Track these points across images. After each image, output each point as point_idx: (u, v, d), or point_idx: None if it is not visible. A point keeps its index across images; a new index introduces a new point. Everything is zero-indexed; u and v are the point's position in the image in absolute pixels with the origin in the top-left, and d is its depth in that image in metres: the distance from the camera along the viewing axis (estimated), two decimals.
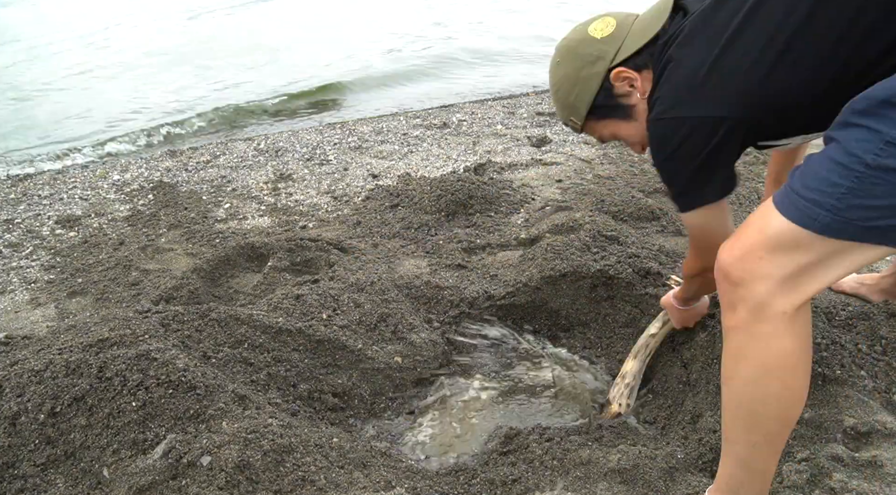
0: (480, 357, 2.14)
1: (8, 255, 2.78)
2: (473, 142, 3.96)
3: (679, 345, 1.96)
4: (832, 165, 1.02)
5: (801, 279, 1.08)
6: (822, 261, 1.07)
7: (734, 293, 1.14)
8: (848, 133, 1.02)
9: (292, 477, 1.45)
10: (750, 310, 1.12)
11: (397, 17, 8.28)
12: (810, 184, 1.05)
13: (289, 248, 2.51)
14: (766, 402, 1.17)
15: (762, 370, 1.15)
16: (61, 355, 1.67)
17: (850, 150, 1.00)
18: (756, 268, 1.10)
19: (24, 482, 1.50)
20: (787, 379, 1.15)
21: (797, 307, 1.10)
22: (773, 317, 1.11)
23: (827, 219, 1.02)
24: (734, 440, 1.25)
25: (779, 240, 1.08)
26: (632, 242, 2.37)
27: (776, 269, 1.09)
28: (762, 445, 1.21)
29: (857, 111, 1.02)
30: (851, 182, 1.00)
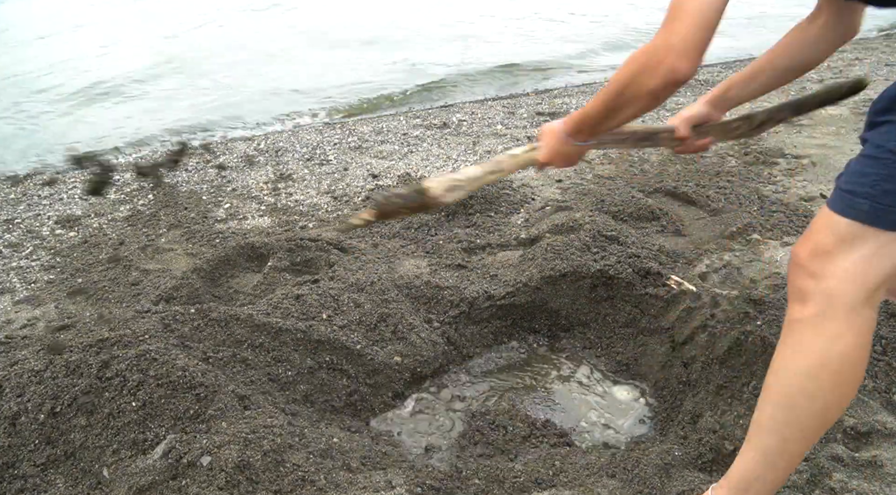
0: (482, 357, 2.14)
1: (8, 255, 2.78)
2: (473, 142, 3.96)
3: (679, 346, 1.96)
4: (864, 160, 1.14)
5: (866, 270, 1.14)
6: (880, 249, 1.13)
7: (807, 285, 1.18)
8: (875, 131, 1.14)
9: (292, 477, 1.45)
10: (821, 303, 1.16)
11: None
12: (850, 179, 1.15)
13: (289, 248, 2.51)
14: (814, 398, 1.18)
15: (819, 365, 1.17)
16: (61, 355, 1.67)
17: (876, 143, 1.12)
18: (827, 263, 1.16)
19: (24, 482, 1.50)
20: (840, 380, 1.18)
21: (864, 301, 1.15)
22: (842, 312, 1.15)
23: (866, 207, 1.11)
24: (767, 431, 1.25)
25: (839, 235, 1.15)
26: (632, 242, 2.37)
27: (845, 262, 1.15)
28: (794, 441, 1.22)
29: (878, 110, 1.14)
30: (880, 169, 1.10)
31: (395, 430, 1.85)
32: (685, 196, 2.97)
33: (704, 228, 2.71)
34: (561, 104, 4.72)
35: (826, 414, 1.20)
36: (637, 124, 1.54)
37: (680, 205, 2.93)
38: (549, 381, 2.04)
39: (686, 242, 2.57)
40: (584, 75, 5.92)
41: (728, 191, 2.94)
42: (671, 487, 1.46)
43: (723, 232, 2.63)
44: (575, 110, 1.43)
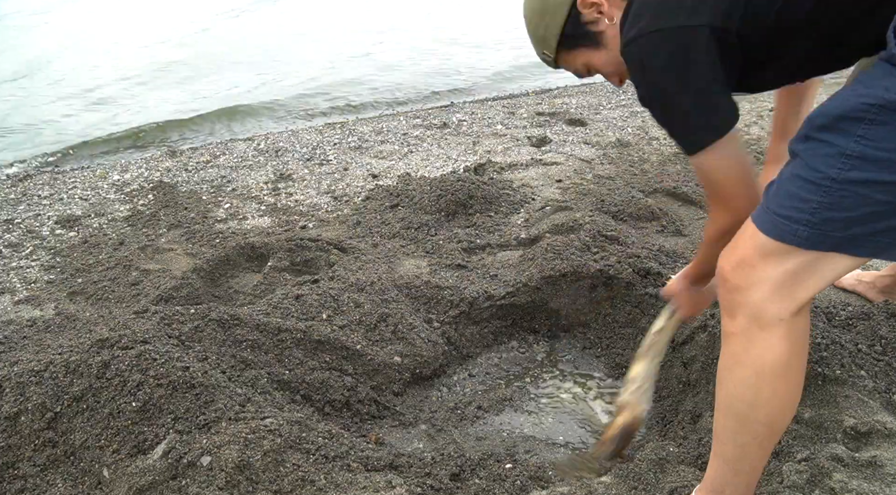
0: (482, 356, 2.14)
1: (8, 255, 2.78)
2: (473, 142, 3.96)
3: (679, 346, 1.96)
4: (800, 182, 1.07)
5: (793, 285, 1.12)
6: (811, 268, 1.10)
7: (732, 299, 1.17)
8: (809, 147, 1.07)
9: (292, 477, 1.45)
10: (748, 316, 1.15)
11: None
12: (784, 203, 1.09)
13: (289, 248, 2.51)
14: (756, 406, 1.19)
15: (754, 375, 1.17)
16: (61, 355, 1.67)
17: (814, 166, 1.05)
18: (751, 276, 1.14)
19: (24, 482, 1.50)
20: (777, 387, 1.17)
21: (793, 313, 1.13)
22: (771, 324, 1.14)
23: (805, 233, 1.07)
24: (723, 440, 1.27)
25: (767, 251, 1.11)
26: (632, 242, 2.37)
27: (769, 277, 1.12)
28: (750, 447, 1.24)
29: (816, 126, 1.07)
30: (821, 196, 1.04)
31: (395, 430, 1.85)
32: (685, 196, 2.97)
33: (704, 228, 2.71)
34: (561, 104, 4.72)
35: (773, 419, 1.21)
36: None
37: (680, 205, 2.93)
38: (549, 382, 2.04)
39: (686, 242, 2.57)
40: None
41: None
42: (665, 482, 1.46)
43: None
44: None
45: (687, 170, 3.28)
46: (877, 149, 0.99)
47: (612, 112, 4.48)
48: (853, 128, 1.01)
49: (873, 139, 0.99)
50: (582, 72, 1.47)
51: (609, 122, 4.25)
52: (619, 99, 4.80)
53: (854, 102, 1.01)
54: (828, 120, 1.05)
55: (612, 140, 3.87)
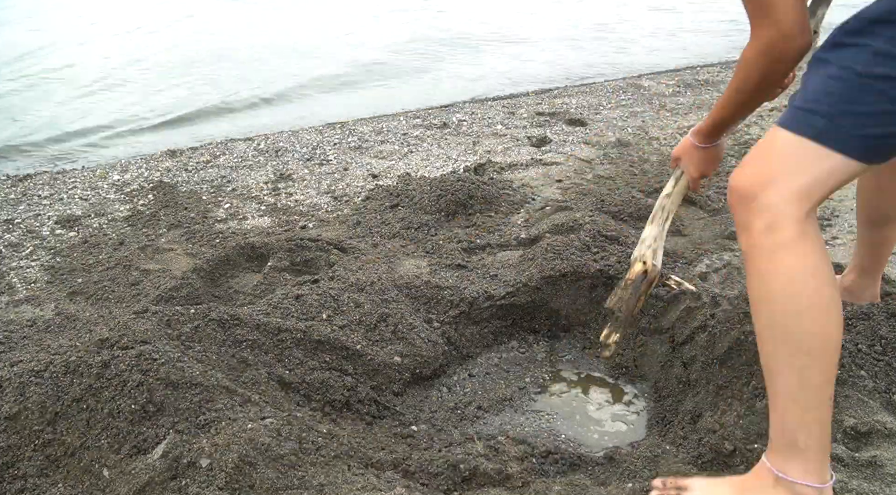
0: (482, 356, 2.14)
1: (8, 255, 2.78)
2: (473, 142, 3.96)
3: (679, 346, 1.96)
4: (826, 79, 1.13)
5: (808, 186, 1.14)
6: (823, 168, 1.13)
7: (748, 209, 1.17)
8: (840, 52, 1.13)
9: (292, 477, 1.45)
10: (765, 221, 1.15)
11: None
12: (808, 97, 1.15)
13: (289, 248, 2.52)
14: (801, 314, 1.15)
15: (788, 281, 1.15)
16: (61, 355, 1.67)
17: (842, 64, 1.11)
18: (767, 179, 1.16)
19: (24, 482, 1.50)
20: (817, 286, 1.15)
21: (807, 213, 1.15)
22: (789, 224, 1.14)
23: (821, 125, 1.11)
24: (779, 371, 1.20)
25: (785, 152, 1.16)
26: (632, 242, 2.37)
27: (785, 177, 1.15)
28: (810, 370, 1.17)
29: (848, 31, 1.12)
30: (843, 89, 1.10)
31: (395, 431, 1.85)
32: (685, 196, 2.97)
33: (704, 228, 2.71)
34: (561, 104, 4.72)
35: (823, 330, 1.16)
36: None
37: (680, 205, 2.93)
38: (549, 382, 2.04)
39: (686, 242, 2.57)
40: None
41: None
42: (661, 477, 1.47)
43: (723, 232, 2.63)
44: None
45: None
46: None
47: (612, 112, 4.48)
48: (886, 30, 1.06)
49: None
50: None
51: (609, 121, 4.25)
52: (619, 99, 4.80)
53: (890, 5, 1.06)
54: (861, 23, 1.10)
55: (612, 140, 3.87)
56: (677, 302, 2.06)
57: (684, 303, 2.04)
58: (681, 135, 3.82)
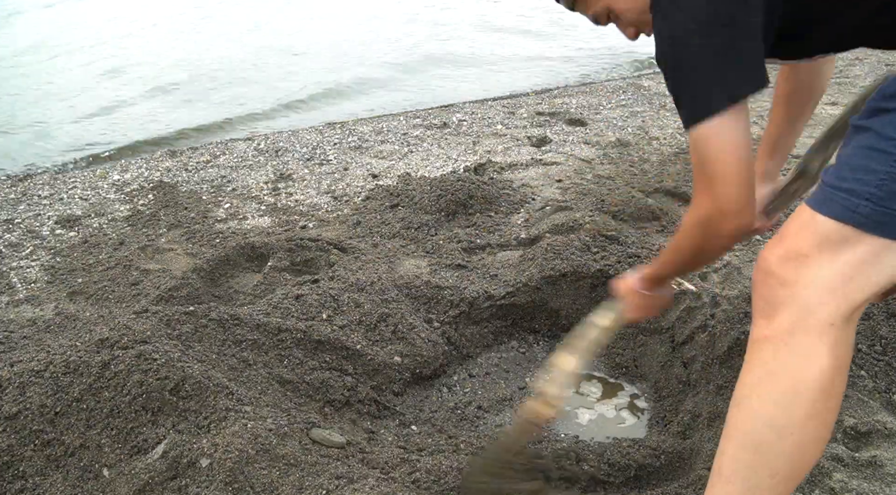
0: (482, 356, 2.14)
1: (8, 255, 2.78)
2: (473, 142, 3.96)
3: (679, 346, 1.96)
4: (868, 152, 0.95)
5: (850, 283, 0.97)
6: (871, 260, 0.95)
7: (777, 295, 1.00)
8: (882, 119, 0.95)
9: (292, 477, 1.45)
10: (793, 316, 0.98)
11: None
12: (846, 175, 0.96)
13: (289, 248, 2.51)
14: (785, 433, 0.99)
15: (791, 391, 0.98)
16: (61, 355, 1.67)
17: (886, 134, 0.93)
18: (803, 268, 0.98)
19: (24, 482, 1.50)
20: (816, 405, 0.98)
21: (845, 318, 0.98)
22: (818, 328, 0.97)
23: (867, 210, 0.93)
24: (729, 477, 1.04)
25: (824, 239, 0.97)
26: (632, 242, 2.37)
27: (825, 269, 0.97)
28: (764, 490, 1.01)
29: (887, 96, 0.96)
30: (890, 166, 0.92)
31: (395, 431, 1.85)
32: (685, 196, 2.97)
33: None
34: (561, 104, 4.72)
35: (799, 456, 1.00)
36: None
37: (680, 205, 2.93)
38: None
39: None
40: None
41: None
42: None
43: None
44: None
45: (687, 170, 3.27)
46: None
47: (612, 112, 4.48)
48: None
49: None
50: (601, 18, 1.29)
51: (609, 121, 4.25)
52: (619, 99, 4.80)
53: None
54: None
55: (612, 140, 3.87)
56: (677, 302, 2.06)
57: (684, 303, 2.04)
58: (681, 135, 3.83)
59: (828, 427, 1.01)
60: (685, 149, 3.55)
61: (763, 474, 1.01)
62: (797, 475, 1.02)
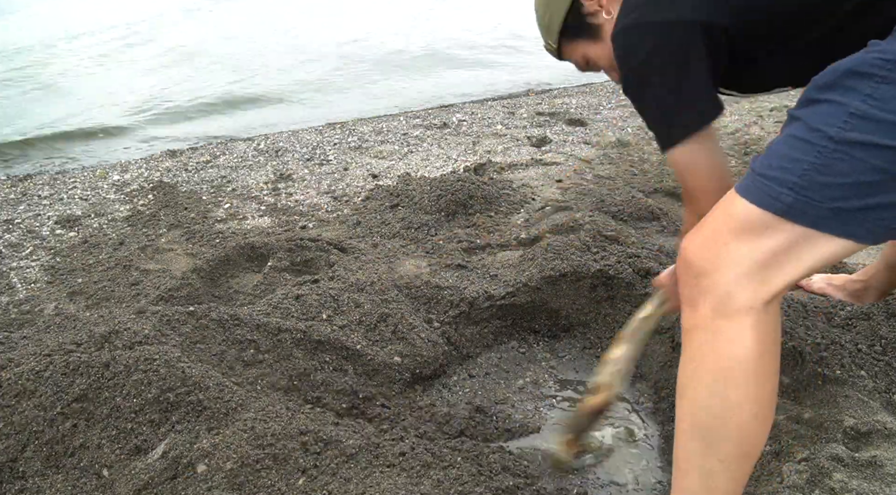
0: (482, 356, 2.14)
1: (8, 255, 2.78)
2: (473, 142, 3.96)
3: (679, 346, 1.96)
4: (794, 142, 0.97)
5: (769, 268, 0.99)
6: (791, 248, 0.98)
7: (697, 285, 1.04)
8: (811, 109, 0.98)
9: (292, 477, 1.45)
10: (713, 303, 1.01)
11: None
12: (772, 164, 0.99)
13: (289, 248, 2.51)
14: (724, 416, 1.01)
15: (721, 376, 1.01)
16: (61, 355, 1.67)
17: (812, 125, 0.96)
18: (721, 256, 1.01)
19: (24, 482, 1.50)
20: (749, 389, 1.00)
21: (766, 302, 1.00)
22: (738, 312, 1.00)
23: (789, 199, 0.95)
24: (686, 470, 1.07)
25: (744, 225, 0.99)
26: (632, 242, 2.38)
27: (742, 256, 0.99)
28: (718, 477, 1.03)
29: (820, 86, 0.98)
30: (814, 157, 0.94)
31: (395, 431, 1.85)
32: None
33: None
34: (561, 104, 4.72)
35: (744, 437, 1.01)
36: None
37: (680, 205, 2.93)
38: (550, 382, 2.04)
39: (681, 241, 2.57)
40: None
41: None
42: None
43: None
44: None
45: None
46: (883, 110, 0.90)
47: (612, 112, 4.48)
48: (861, 86, 0.92)
49: (881, 99, 0.90)
50: (581, 64, 1.51)
51: (609, 122, 4.25)
52: (620, 99, 4.80)
53: (867, 57, 0.93)
54: (835, 76, 0.95)
55: (612, 140, 3.87)
56: None
57: None
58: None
59: (766, 405, 1.03)
60: None
61: (713, 460, 1.03)
62: (748, 454, 1.04)
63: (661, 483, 1.63)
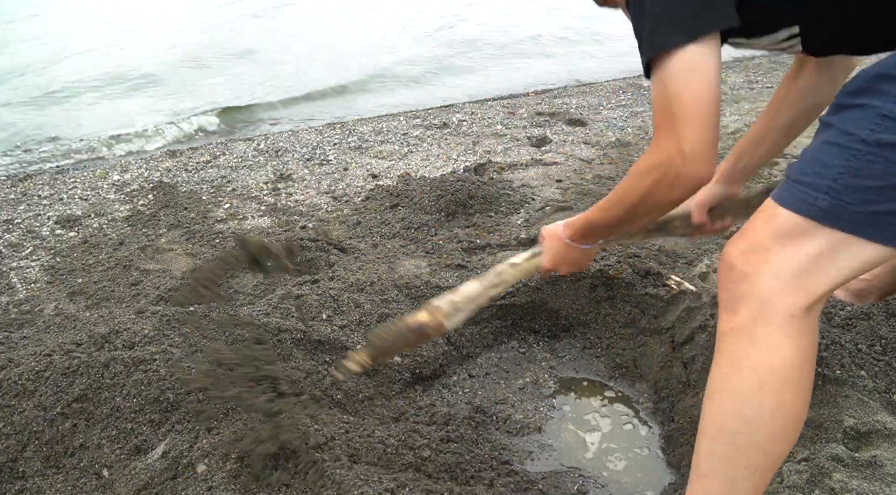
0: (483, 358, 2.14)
1: (8, 255, 2.78)
2: (473, 143, 3.96)
3: (679, 346, 1.96)
4: (827, 147, 0.97)
5: (810, 275, 0.98)
6: (830, 254, 0.97)
7: (737, 289, 1.03)
8: (843, 115, 0.98)
9: (293, 477, 1.45)
10: (753, 309, 1.01)
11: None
12: (806, 169, 0.99)
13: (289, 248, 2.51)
14: (756, 423, 1.01)
15: (757, 382, 1.01)
16: (61, 355, 1.67)
17: (844, 130, 0.96)
18: (762, 261, 1.01)
19: (24, 482, 1.50)
20: (784, 397, 1.00)
21: (805, 309, 1.00)
22: (778, 319, 0.99)
23: (825, 203, 0.95)
24: (707, 473, 1.06)
25: (783, 231, 0.99)
26: (632, 242, 2.37)
27: (783, 262, 0.99)
28: (741, 481, 1.03)
29: (850, 92, 0.98)
30: (847, 161, 0.94)
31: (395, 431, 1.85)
32: None
33: None
34: (561, 104, 4.72)
35: (772, 445, 1.02)
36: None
37: None
38: (549, 382, 2.04)
39: (686, 242, 2.57)
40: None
41: None
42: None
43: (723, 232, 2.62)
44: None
45: None
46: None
47: (612, 112, 4.48)
48: (892, 89, 0.92)
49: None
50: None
51: (609, 122, 4.25)
52: (619, 99, 4.80)
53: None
54: (865, 81, 0.96)
55: (612, 140, 3.87)
56: (677, 302, 2.06)
57: (684, 303, 2.04)
58: None
59: (798, 415, 1.03)
60: None
61: (739, 466, 1.03)
62: (773, 464, 1.04)
63: (662, 483, 1.63)
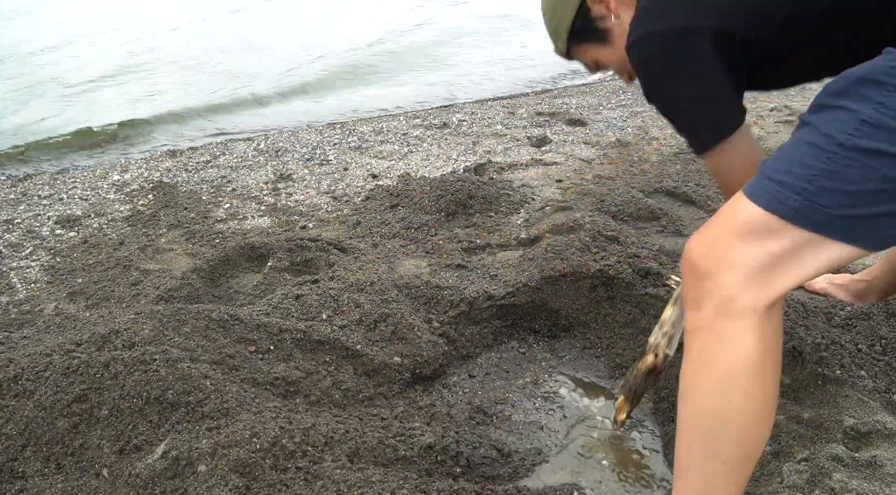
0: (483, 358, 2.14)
1: (8, 255, 2.78)
2: (473, 143, 3.96)
3: (679, 346, 1.96)
4: (804, 147, 0.98)
5: (773, 271, 0.99)
6: (795, 252, 0.98)
7: (700, 286, 1.04)
8: (822, 115, 0.98)
9: (292, 476, 1.45)
10: (716, 304, 1.02)
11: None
12: (781, 168, 0.99)
13: (289, 248, 2.51)
14: (727, 418, 1.02)
15: (725, 377, 1.01)
16: (61, 355, 1.67)
17: (823, 131, 0.96)
18: (725, 257, 1.01)
19: (24, 482, 1.50)
20: (752, 390, 1.01)
21: (768, 305, 1.00)
22: (741, 314, 1.00)
23: (797, 204, 0.96)
24: (687, 470, 1.08)
25: (749, 227, 1.00)
26: (632, 242, 2.37)
27: (746, 258, 1.00)
28: (719, 476, 1.04)
29: (832, 92, 0.98)
30: (823, 163, 0.94)
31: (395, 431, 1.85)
32: (685, 196, 2.97)
33: None
34: (561, 104, 4.72)
35: (746, 438, 1.02)
36: None
37: (680, 205, 2.93)
38: (549, 382, 2.04)
39: (686, 242, 2.57)
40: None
41: None
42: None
43: None
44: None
45: (687, 170, 3.28)
46: (894, 119, 0.90)
47: (612, 112, 4.48)
48: (874, 94, 0.92)
49: (893, 108, 0.91)
50: (591, 66, 1.51)
51: (609, 122, 4.25)
52: (620, 99, 4.80)
53: (880, 65, 0.94)
54: (847, 83, 0.96)
55: (612, 140, 3.87)
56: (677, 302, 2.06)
57: None
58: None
59: (768, 407, 1.04)
60: (685, 149, 3.55)
61: (716, 461, 1.04)
62: (750, 458, 1.05)
63: (662, 483, 1.63)
